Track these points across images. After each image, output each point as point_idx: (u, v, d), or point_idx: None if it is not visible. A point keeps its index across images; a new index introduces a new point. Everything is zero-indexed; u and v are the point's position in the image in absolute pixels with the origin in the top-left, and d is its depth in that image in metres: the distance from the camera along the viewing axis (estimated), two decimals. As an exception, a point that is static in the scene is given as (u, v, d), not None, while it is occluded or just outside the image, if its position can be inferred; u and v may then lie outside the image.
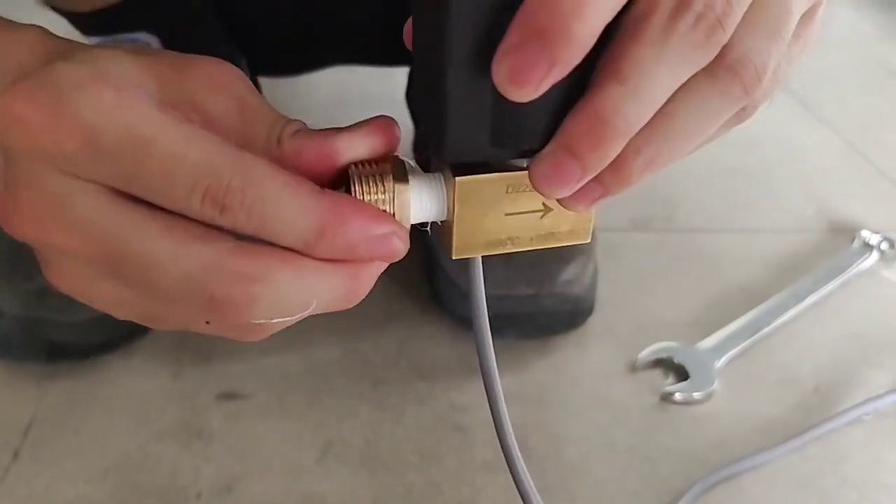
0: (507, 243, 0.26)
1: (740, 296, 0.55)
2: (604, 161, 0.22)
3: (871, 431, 0.45)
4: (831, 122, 0.84)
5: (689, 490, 0.40)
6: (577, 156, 0.22)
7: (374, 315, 0.51)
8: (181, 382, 0.46)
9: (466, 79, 0.21)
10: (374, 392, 0.46)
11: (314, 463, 0.41)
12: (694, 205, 0.67)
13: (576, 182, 0.22)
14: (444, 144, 0.23)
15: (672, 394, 0.46)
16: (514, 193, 0.25)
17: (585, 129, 0.21)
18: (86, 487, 0.39)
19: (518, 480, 0.29)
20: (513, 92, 0.20)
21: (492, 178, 0.24)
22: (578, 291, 0.49)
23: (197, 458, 0.41)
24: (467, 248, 0.25)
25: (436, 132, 0.23)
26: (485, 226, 0.25)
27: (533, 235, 0.26)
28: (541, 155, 0.22)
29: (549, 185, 0.22)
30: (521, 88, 0.20)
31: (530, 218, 0.25)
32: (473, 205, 0.25)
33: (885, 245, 0.60)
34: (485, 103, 0.22)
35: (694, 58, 0.21)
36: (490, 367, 0.28)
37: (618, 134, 0.21)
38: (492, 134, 0.23)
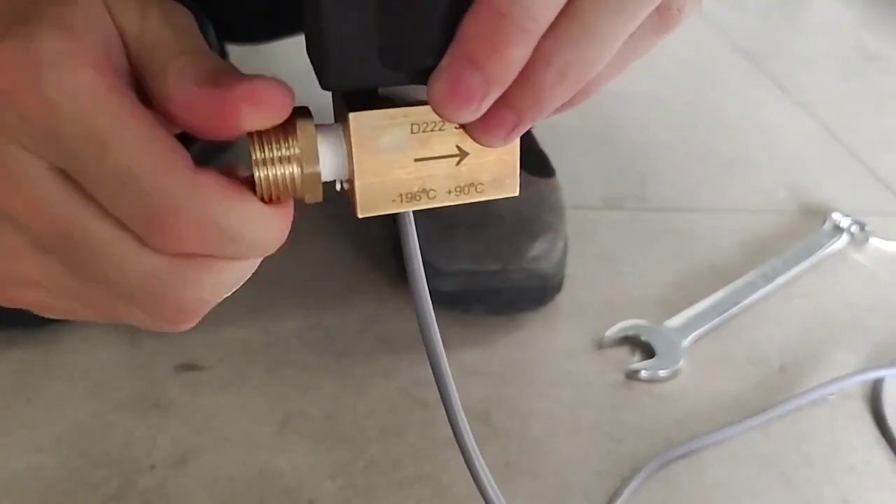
0: (420, 196, 0.23)
1: (710, 275, 0.55)
2: (508, 68, 0.19)
3: (835, 412, 0.45)
4: (808, 106, 0.84)
5: (644, 466, 0.40)
6: (476, 64, 0.19)
7: (339, 288, 0.51)
8: (139, 352, 0.45)
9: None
10: (337, 365, 0.45)
11: (273, 435, 0.41)
12: (667, 184, 0.66)
13: (480, 99, 0.19)
14: (326, 67, 0.20)
15: (637, 371, 0.46)
16: (422, 133, 0.22)
17: (483, 30, 0.19)
18: (37, 457, 0.38)
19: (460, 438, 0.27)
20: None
21: (391, 113, 0.21)
22: (547, 268, 0.48)
23: (152, 428, 0.40)
24: (375, 204, 0.22)
25: (318, 56, 0.20)
26: (392, 175, 0.22)
27: (451, 186, 0.23)
28: (437, 69, 0.20)
29: (449, 104, 0.19)
30: None
31: (445, 164, 0.22)
32: (374, 148, 0.21)
33: (855, 228, 0.60)
34: (370, 12, 0.19)
35: None
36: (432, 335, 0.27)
37: (519, 30, 0.19)
38: (381, 51, 0.20)
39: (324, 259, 0.53)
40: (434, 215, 0.48)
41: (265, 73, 0.21)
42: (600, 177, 0.66)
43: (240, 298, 0.49)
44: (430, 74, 0.20)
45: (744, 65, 0.94)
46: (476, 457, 0.27)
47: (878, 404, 0.45)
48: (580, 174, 0.65)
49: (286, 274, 0.51)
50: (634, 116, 0.77)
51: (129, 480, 0.38)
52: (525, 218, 0.48)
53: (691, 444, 0.42)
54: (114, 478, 0.38)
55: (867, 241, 0.60)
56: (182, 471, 0.38)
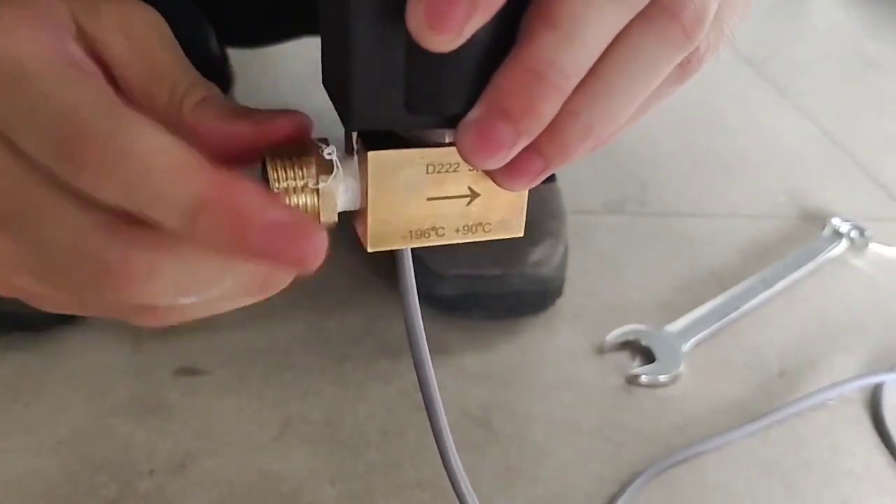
0: (430, 234, 0.23)
1: (710, 280, 0.55)
2: (539, 122, 0.20)
3: (835, 417, 0.45)
4: (808, 111, 0.84)
5: (644, 472, 0.40)
6: (509, 116, 0.19)
7: (339, 292, 0.51)
8: (139, 356, 0.44)
9: (374, 30, 0.19)
10: (337, 369, 0.45)
11: (272, 439, 0.41)
12: (667, 189, 0.66)
13: (509, 148, 0.20)
14: (350, 109, 0.20)
15: (638, 376, 0.46)
16: (437, 174, 0.22)
17: (517, 85, 0.19)
18: (37, 461, 0.38)
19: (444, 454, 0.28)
20: (432, 39, 0.17)
21: (409, 154, 0.21)
22: (547, 272, 0.48)
23: (152, 433, 0.40)
24: (385, 239, 0.23)
25: (342, 98, 0.20)
26: (404, 212, 0.22)
27: (459, 225, 0.23)
28: (468, 118, 0.20)
29: (480, 153, 0.20)
30: (441, 34, 0.17)
31: (456, 204, 0.23)
32: (390, 186, 0.22)
33: (854, 233, 0.60)
34: (397, 60, 0.19)
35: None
36: (423, 359, 0.27)
37: (553, 88, 0.19)
38: (406, 97, 0.20)
39: (324, 264, 0.53)
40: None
41: (265, 76, 0.21)
42: (600, 181, 0.66)
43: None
44: (458, 122, 0.20)
45: (744, 69, 0.94)
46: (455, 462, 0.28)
47: (877, 409, 0.46)
48: (580, 179, 0.65)
49: (286, 278, 0.51)
50: (634, 121, 0.77)
51: (128, 484, 0.37)
52: (526, 223, 0.48)
53: (691, 449, 0.42)
54: (113, 482, 0.38)
55: (867, 246, 0.60)
56: (182, 475, 0.38)
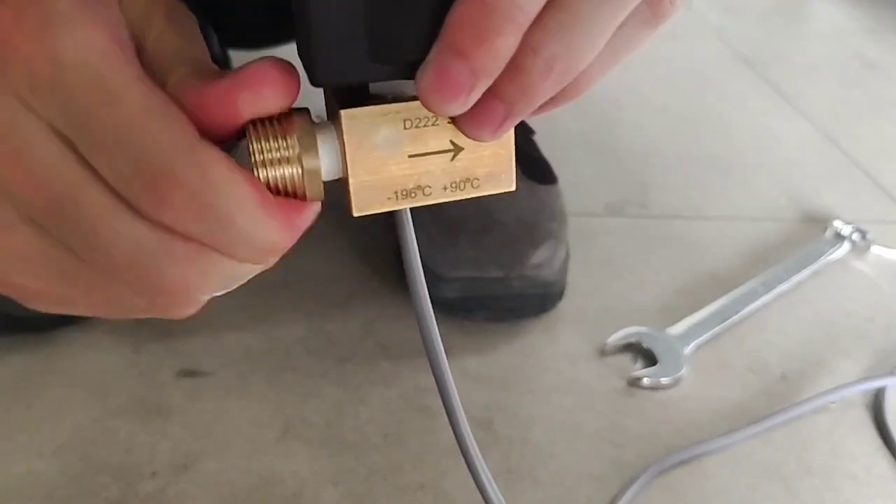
0: (416, 193, 0.22)
1: (711, 282, 0.55)
2: (495, 60, 0.19)
3: (837, 420, 0.45)
4: (808, 113, 0.84)
5: (644, 472, 0.40)
6: (463, 54, 0.19)
7: (340, 294, 0.51)
8: (140, 358, 0.44)
9: None
10: (338, 371, 0.45)
11: (274, 442, 0.40)
12: (668, 191, 0.66)
13: (467, 91, 0.19)
14: (315, 64, 0.19)
15: (639, 379, 0.46)
16: (416, 129, 0.21)
17: (469, 20, 0.19)
18: (38, 463, 0.38)
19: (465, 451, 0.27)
20: None
21: (384, 109, 0.21)
22: (549, 275, 0.48)
23: (154, 435, 0.40)
24: (369, 202, 0.22)
25: (307, 53, 0.20)
26: (386, 172, 0.22)
27: (446, 182, 0.22)
28: (424, 62, 0.19)
29: (436, 96, 0.19)
30: None
31: (440, 160, 0.22)
32: (367, 145, 0.21)
33: (856, 236, 0.60)
34: (357, 7, 0.19)
35: None
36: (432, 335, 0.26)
37: (505, 20, 0.19)
38: (370, 46, 0.19)
39: (325, 265, 0.53)
40: (436, 222, 0.48)
41: None
42: (601, 184, 0.66)
43: (241, 304, 0.49)
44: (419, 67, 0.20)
45: (744, 72, 0.94)
46: (479, 464, 0.27)
47: (879, 412, 0.45)
48: (581, 181, 0.65)
49: (287, 280, 0.51)
50: (635, 124, 0.77)
51: (130, 486, 0.37)
52: (527, 225, 0.48)
53: (692, 450, 0.42)
54: (115, 484, 0.38)
55: (869, 249, 0.60)
56: (183, 477, 0.38)
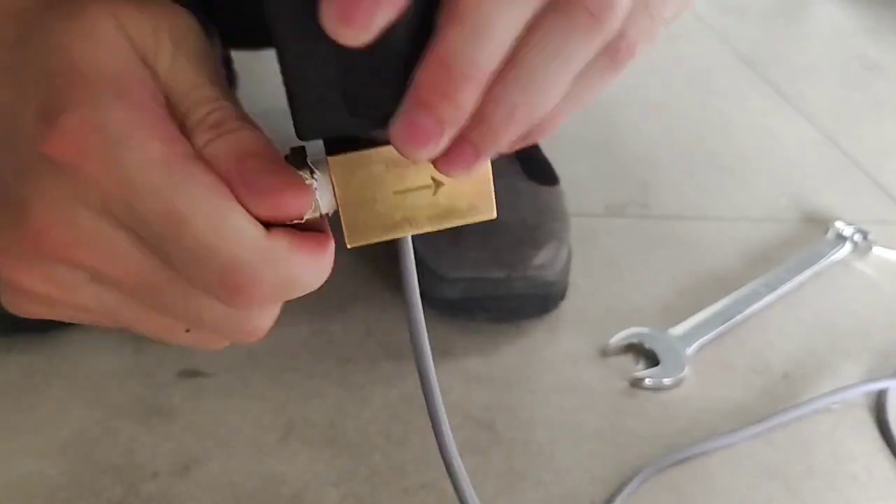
0: (403, 225, 0.25)
1: (713, 283, 0.55)
2: (459, 111, 0.21)
3: (838, 420, 0.45)
4: (809, 114, 0.84)
5: (640, 471, 0.40)
6: (429, 108, 0.21)
7: (342, 295, 0.51)
8: (142, 359, 0.44)
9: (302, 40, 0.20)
10: (340, 372, 0.45)
11: (276, 442, 0.40)
12: (669, 192, 0.66)
13: (437, 139, 0.21)
14: (299, 121, 0.22)
15: (642, 379, 0.46)
16: (398, 169, 0.24)
17: (432, 78, 0.20)
18: (40, 463, 0.38)
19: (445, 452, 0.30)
20: (344, 33, 0.19)
21: (366, 154, 0.23)
22: (551, 276, 0.48)
23: (156, 435, 0.40)
24: (361, 234, 0.24)
25: (293, 111, 0.22)
26: (374, 208, 0.24)
27: (430, 214, 0.25)
28: (395, 116, 0.21)
29: (408, 144, 0.21)
30: (351, 28, 0.18)
31: (423, 195, 0.24)
32: (355, 186, 0.24)
33: (858, 237, 0.60)
34: (330, 68, 0.21)
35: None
36: (422, 345, 0.29)
37: (465, 78, 0.20)
38: (346, 102, 0.21)
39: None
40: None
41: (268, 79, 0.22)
42: (603, 184, 0.66)
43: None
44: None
45: (745, 73, 0.94)
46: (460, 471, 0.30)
47: (881, 413, 0.45)
48: (582, 182, 0.65)
49: (289, 280, 0.51)
50: (637, 124, 0.77)
51: (132, 487, 0.37)
52: (529, 226, 0.48)
53: (693, 448, 0.42)
54: (117, 484, 0.38)
55: (870, 249, 0.60)
56: (185, 478, 0.38)
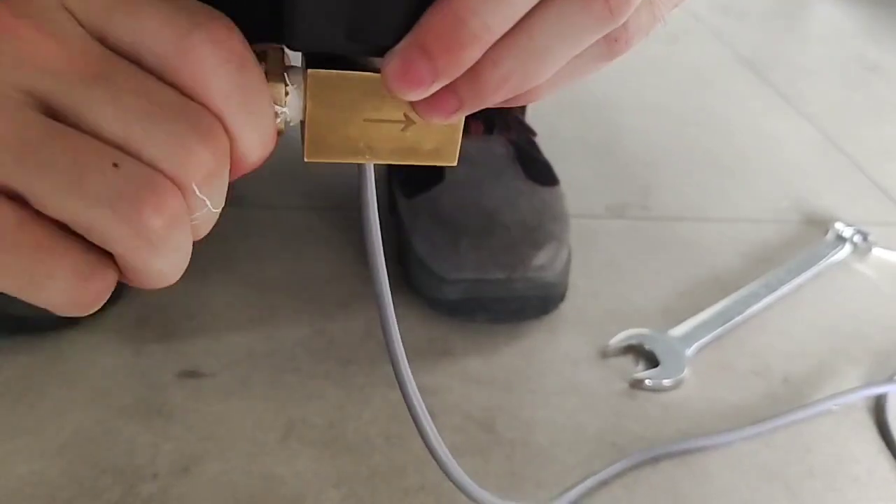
0: (364, 152, 0.25)
1: (713, 284, 0.55)
2: (457, 67, 0.21)
3: (839, 422, 0.45)
4: (809, 115, 0.84)
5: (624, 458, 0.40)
6: (429, 56, 0.21)
7: (342, 296, 0.51)
8: (142, 359, 0.44)
9: None
10: (340, 373, 0.45)
11: (276, 443, 0.40)
12: (670, 193, 0.66)
13: (426, 85, 0.21)
14: (295, 29, 0.21)
15: (642, 380, 0.46)
16: (375, 98, 0.23)
17: (441, 29, 0.20)
18: (40, 463, 0.38)
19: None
20: None
21: (348, 76, 0.23)
22: (551, 277, 0.48)
23: (156, 436, 0.40)
24: (321, 152, 0.24)
25: (289, 17, 0.22)
26: (341, 130, 0.24)
27: (393, 148, 0.25)
28: (392, 50, 0.21)
29: (399, 83, 0.21)
30: None
31: (391, 128, 0.24)
32: (327, 103, 0.23)
33: (858, 238, 0.60)
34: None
35: None
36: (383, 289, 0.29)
37: (474, 38, 0.20)
38: (348, 25, 0.21)
39: (327, 267, 0.53)
40: (439, 224, 0.48)
41: None
42: (603, 186, 0.66)
43: (242, 305, 0.49)
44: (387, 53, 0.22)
45: (746, 74, 0.94)
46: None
47: (881, 415, 0.45)
48: (583, 183, 0.65)
49: (289, 281, 0.51)
50: (637, 125, 0.77)
51: (132, 488, 0.37)
52: (529, 227, 0.48)
53: (688, 443, 0.42)
54: (117, 485, 0.38)
55: (870, 251, 0.60)
56: (185, 478, 0.38)
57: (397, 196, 0.53)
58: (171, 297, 0.48)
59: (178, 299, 0.48)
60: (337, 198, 0.59)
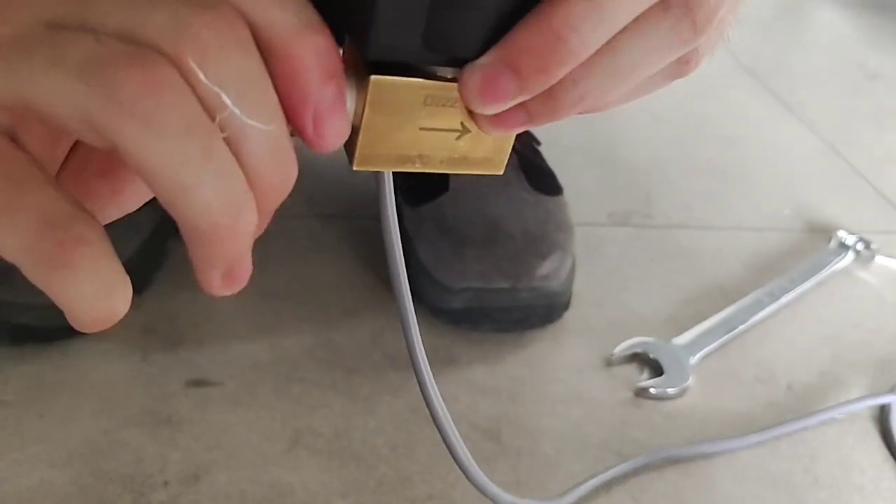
0: (415, 161, 0.24)
1: (717, 293, 0.55)
2: (546, 84, 0.20)
3: (844, 431, 0.45)
4: (811, 123, 0.84)
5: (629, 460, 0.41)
6: (519, 73, 0.20)
7: (347, 305, 0.51)
8: (149, 368, 0.45)
9: None
10: (346, 382, 0.45)
11: (283, 453, 0.41)
12: (673, 201, 0.67)
13: (509, 101, 0.20)
14: (369, 37, 0.20)
15: (646, 389, 0.46)
16: (433, 107, 0.23)
17: (536, 45, 0.20)
18: (49, 473, 0.38)
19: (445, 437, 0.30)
20: None
21: (411, 84, 0.22)
22: (555, 286, 0.48)
23: (164, 445, 0.40)
24: (371, 160, 0.23)
25: (362, 22, 0.21)
26: (395, 137, 0.23)
27: (444, 157, 0.24)
28: (478, 63, 0.20)
29: (481, 98, 0.20)
30: None
31: (445, 137, 0.23)
32: (386, 111, 0.22)
33: (860, 246, 0.60)
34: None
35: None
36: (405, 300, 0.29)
37: (570, 54, 0.20)
38: (425, 33, 0.20)
39: (332, 276, 0.53)
40: (443, 233, 0.49)
41: None
42: (605, 193, 0.66)
43: (248, 314, 0.50)
44: (466, 64, 0.21)
45: (747, 82, 0.95)
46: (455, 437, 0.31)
47: (886, 424, 0.46)
48: (586, 191, 0.65)
49: (295, 291, 0.51)
50: (639, 134, 0.78)
51: (142, 497, 0.38)
52: (534, 236, 0.48)
53: (691, 448, 0.42)
54: (125, 494, 0.38)
55: (873, 258, 0.60)
56: (194, 487, 0.38)
57: (402, 205, 0.54)
58: (177, 306, 0.48)
59: (185, 308, 0.48)
60: (343, 206, 0.59)
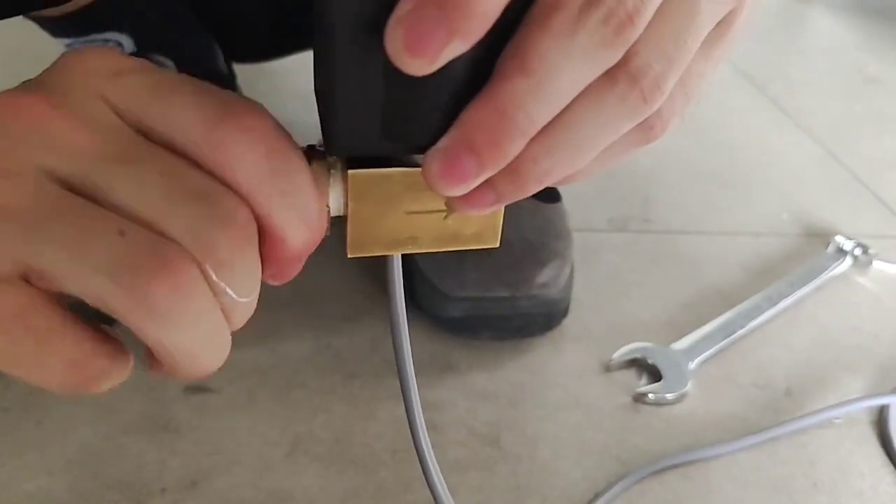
0: (407, 243, 0.25)
1: (715, 298, 0.55)
2: (502, 160, 0.21)
3: (842, 435, 0.45)
4: (809, 129, 0.85)
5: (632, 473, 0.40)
6: (474, 151, 0.20)
7: (348, 310, 0.51)
8: (148, 374, 0.45)
9: (355, 62, 0.20)
10: (346, 388, 0.45)
11: (283, 458, 0.41)
12: (671, 206, 0.67)
13: (471, 180, 0.21)
14: (332, 137, 0.22)
15: (645, 394, 0.46)
16: (415, 191, 0.24)
17: (486, 123, 0.20)
18: (47, 480, 0.38)
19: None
20: (408, 62, 0.18)
21: (388, 174, 0.23)
22: (554, 294, 0.49)
23: (163, 451, 0.40)
24: (364, 246, 0.24)
25: (326, 124, 0.22)
26: (383, 224, 0.24)
27: (436, 237, 0.25)
28: (435, 148, 0.21)
29: (443, 181, 0.21)
30: (417, 58, 0.18)
31: (433, 218, 0.24)
32: (369, 201, 0.23)
33: (858, 251, 0.60)
34: (376, 91, 0.21)
35: (601, 56, 0.20)
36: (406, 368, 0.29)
37: (520, 131, 0.20)
38: (383, 126, 0.21)
39: (332, 281, 0.53)
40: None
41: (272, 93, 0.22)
42: (604, 199, 0.67)
43: (249, 321, 0.49)
44: (427, 151, 0.21)
45: (745, 87, 0.95)
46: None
47: (884, 428, 0.46)
48: (584, 196, 0.65)
49: (295, 296, 0.51)
50: (638, 139, 0.78)
51: (140, 503, 0.38)
52: (533, 245, 0.48)
53: (689, 454, 0.42)
54: (125, 501, 0.38)
55: (871, 263, 0.60)
56: (193, 493, 0.38)
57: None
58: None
59: (184, 314, 0.48)
60: (341, 212, 0.59)
